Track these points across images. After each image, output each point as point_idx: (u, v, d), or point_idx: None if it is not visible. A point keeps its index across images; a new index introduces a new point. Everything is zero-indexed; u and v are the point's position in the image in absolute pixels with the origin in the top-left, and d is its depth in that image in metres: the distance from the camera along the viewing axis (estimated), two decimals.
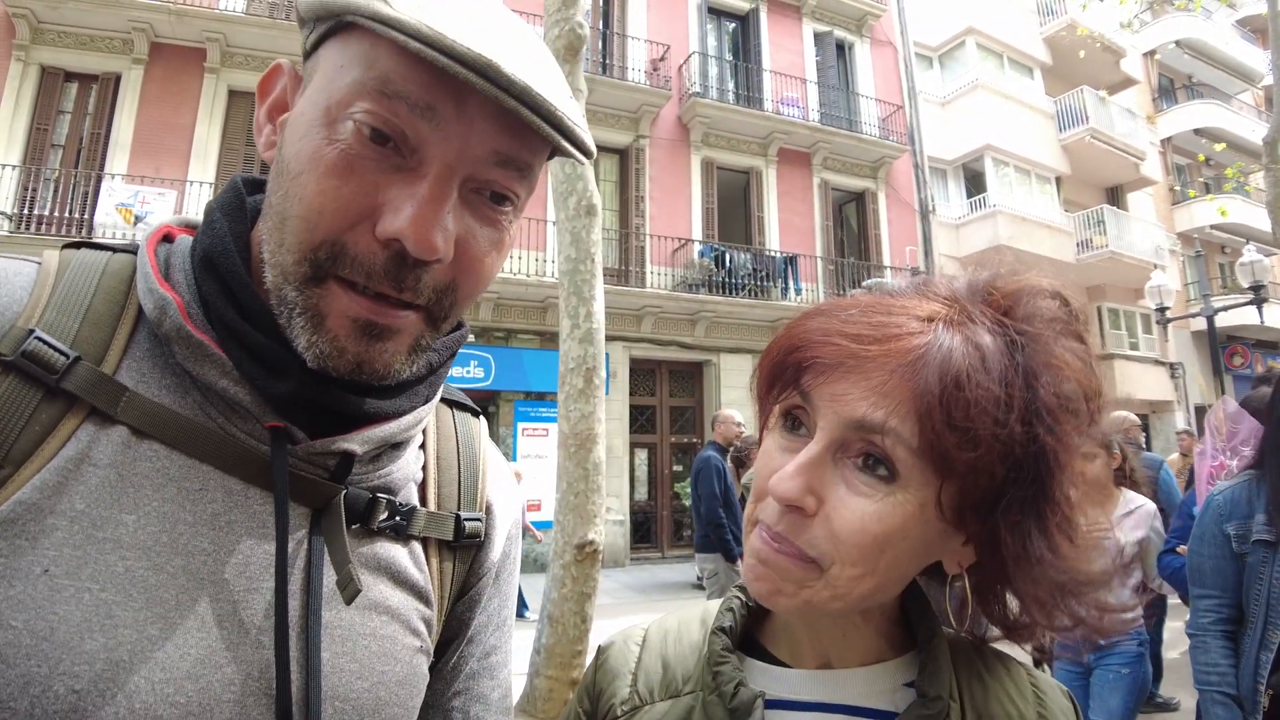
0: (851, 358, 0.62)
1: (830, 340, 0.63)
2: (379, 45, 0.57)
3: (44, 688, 0.49)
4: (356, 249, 0.58)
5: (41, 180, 11.54)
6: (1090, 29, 16.61)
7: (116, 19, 11.95)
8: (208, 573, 0.57)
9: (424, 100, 0.57)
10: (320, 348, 0.59)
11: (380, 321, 0.60)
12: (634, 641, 0.85)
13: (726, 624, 0.77)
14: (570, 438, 4.77)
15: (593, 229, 4.99)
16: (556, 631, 4.63)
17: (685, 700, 0.75)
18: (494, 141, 0.59)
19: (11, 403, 0.54)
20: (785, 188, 16.57)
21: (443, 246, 0.58)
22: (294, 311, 0.60)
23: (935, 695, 0.67)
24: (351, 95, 0.58)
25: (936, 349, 0.60)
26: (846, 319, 0.64)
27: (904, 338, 0.61)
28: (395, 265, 0.58)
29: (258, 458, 0.61)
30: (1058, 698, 0.72)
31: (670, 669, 0.79)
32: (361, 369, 0.61)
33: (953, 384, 0.58)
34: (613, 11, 15.68)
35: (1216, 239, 23.69)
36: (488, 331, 13.23)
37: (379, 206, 0.58)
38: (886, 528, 0.61)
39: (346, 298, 0.59)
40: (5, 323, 0.57)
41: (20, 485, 0.53)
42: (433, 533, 0.73)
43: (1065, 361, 0.63)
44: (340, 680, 0.62)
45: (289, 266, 0.59)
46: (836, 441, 0.63)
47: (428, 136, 0.58)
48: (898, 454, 0.60)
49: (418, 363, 0.65)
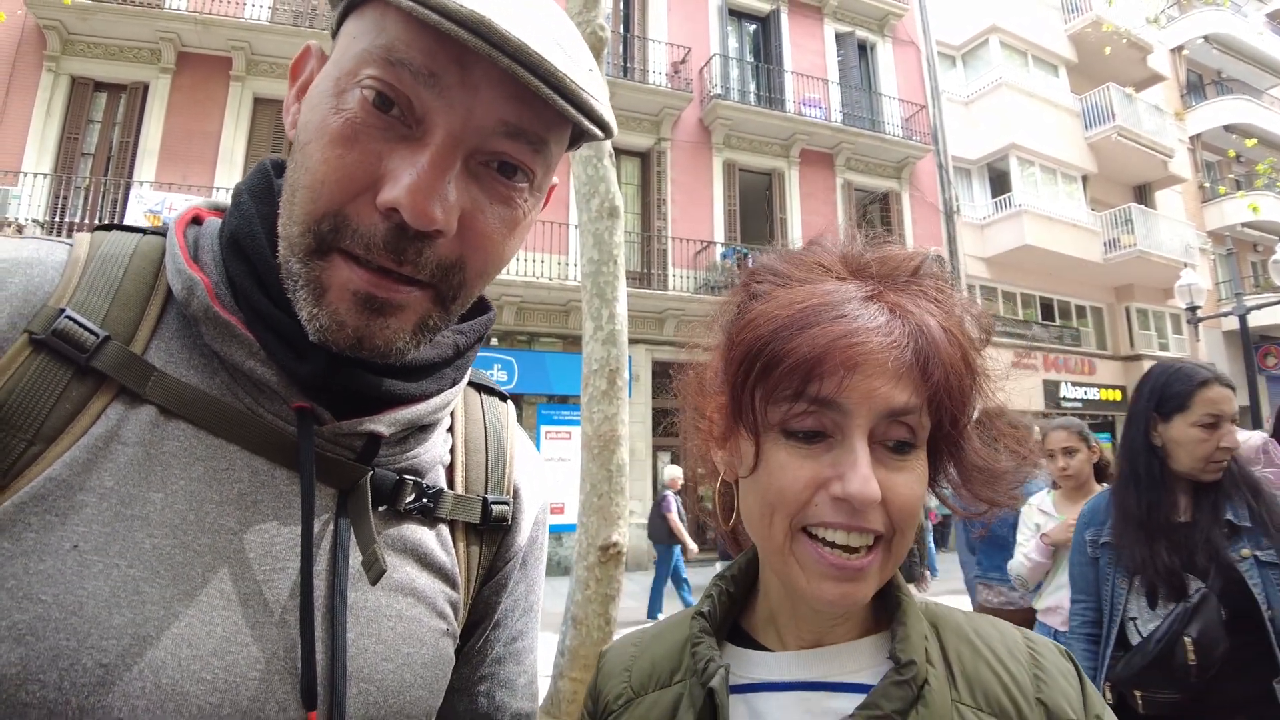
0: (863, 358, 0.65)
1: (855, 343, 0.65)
2: (387, 14, 0.57)
3: (72, 661, 0.49)
4: (358, 220, 0.58)
5: (72, 188, 11.76)
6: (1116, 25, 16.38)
7: (145, 29, 12.16)
8: (233, 551, 0.58)
9: (427, 67, 0.56)
10: (320, 320, 0.59)
11: (380, 295, 0.59)
12: (630, 643, 0.88)
13: (705, 609, 0.80)
14: (594, 439, 4.76)
15: (615, 231, 4.99)
16: (580, 633, 4.63)
17: (674, 689, 0.78)
18: (500, 110, 0.58)
19: (42, 381, 0.55)
20: (808, 189, 16.49)
21: (441, 217, 0.57)
22: (298, 284, 0.59)
23: (908, 660, 0.68)
24: (359, 64, 0.58)
25: (921, 337, 0.67)
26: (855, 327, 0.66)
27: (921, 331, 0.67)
28: (395, 237, 0.57)
29: (284, 438, 0.61)
30: (1055, 658, 0.73)
31: (659, 664, 0.82)
32: (362, 344, 0.60)
33: (943, 363, 0.67)
34: (633, 14, 15.71)
35: (1248, 237, 23.29)
36: (510, 335, 13.27)
37: (381, 177, 0.57)
38: (921, 489, 0.69)
39: (348, 270, 0.58)
40: (37, 302, 0.57)
41: (50, 462, 0.53)
42: (460, 515, 0.73)
43: (963, 306, 0.73)
44: (365, 661, 0.62)
45: (295, 239, 0.59)
46: (871, 433, 0.67)
47: (431, 104, 0.57)
48: (921, 426, 0.68)
49: (424, 343, 0.64)
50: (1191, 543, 2.10)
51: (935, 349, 0.67)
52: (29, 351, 0.55)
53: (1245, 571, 2.02)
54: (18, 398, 0.54)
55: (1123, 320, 20.17)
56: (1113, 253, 18.64)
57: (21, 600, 0.49)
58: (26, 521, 0.51)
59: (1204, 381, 2.15)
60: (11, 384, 0.54)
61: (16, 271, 0.58)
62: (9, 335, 0.55)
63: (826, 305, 0.68)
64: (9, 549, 0.50)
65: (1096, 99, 19.37)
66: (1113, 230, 18.85)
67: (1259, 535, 2.06)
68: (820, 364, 0.65)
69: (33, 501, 0.52)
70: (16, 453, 0.53)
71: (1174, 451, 2.16)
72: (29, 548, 0.51)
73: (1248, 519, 2.09)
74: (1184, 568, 2.08)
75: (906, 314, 0.68)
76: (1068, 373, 18.57)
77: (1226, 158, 22.85)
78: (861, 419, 0.65)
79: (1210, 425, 2.10)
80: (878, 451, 0.67)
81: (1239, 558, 2.04)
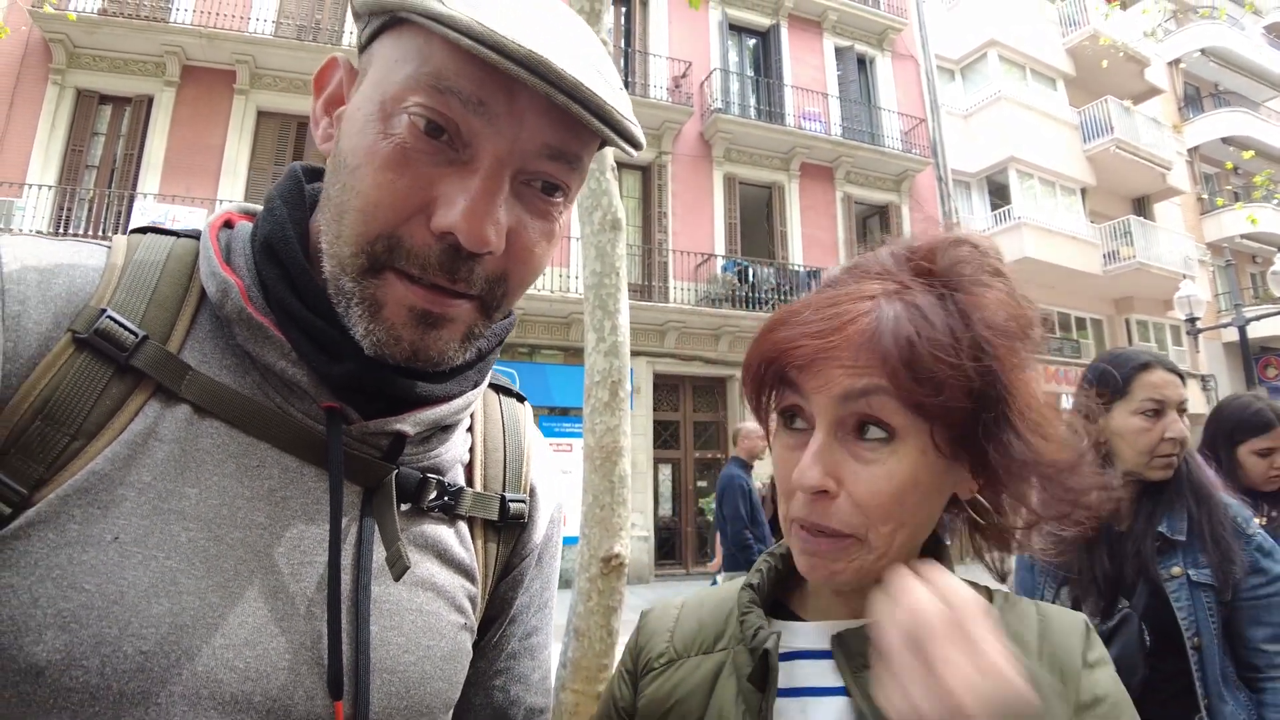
0: (820, 353, 0.69)
1: (797, 345, 0.70)
2: (432, 41, 0.59)
3: (114, 648, 0.51)
4: (412, 242, 0.60)
5: (76, 200, 11.80)
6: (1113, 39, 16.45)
7: (150, 43, 12.24)
8: (264, 546, 0.59)
9: (476, 96, 0.58)
10: (377, 335, 0.61)
11: (435, 311, 0.62)
12: (673, 606, 0.91)
13: (755, 581, 0.83)
14: (596, 451, 4.77)
15: (618, 243, 5.01)
16: (583, 645, 4.61)
17: (718, 656, 0.81)
18: (544, 135, 0.61)
19: (85, 378, 0.57)
20: (808, 202, 16.54)
21: (494, 240, 0.60)
22: (351, 301, 0.62)
23: None
24: (406, 90, 0.59)
25: (885, 320, 0.68)
26: (805, 322, 0.71)
27: (856, 319, 0.68)
28: (449, 258, 0.60)
29: (314, 437, 0.63)
30: (1062, 618, 0.75)
31: (705, 627, 0.85)
32: (417, 356, 0.63)
33: (906, 344, 0.66)
34: (634, 29, 15.80)
35: (1247, 248, 23.32)
36: (511, 347, 13.27)
37: (433, 200, 0.59)
38: (899, 482, 0.68)
39: (403, 287, 0.61)
40: (79, 302, 0.59)
41: (93, 457, 0.55)
42: (479, 512, 0.75)
43: (990, 296, 0.71)
44: (388, 653, 0.64)
45: (346, 258, 0.61)
46: (835, 421, 0.70)
47: (480, 130, 0.59)
48: (887, 411, 0.67)
49: (470, 350, 0.67)
50: (1123, 555, 1.89)
51: (898, 329, 0.67)
52: (72, 350, 0.57)
53: (1173, 592, 1.81)
54: (62, 394, 0.56)
55: (1123, 332, 20.17)
56: (1112, 265, 18.66)
57: (66, 589, 0.51)
58: (70, 514, 0.53)
59: (1144, 364, 1.91)
60: (56, 381, 0.56)
61: (60, 273, 0.60)
62: (54, 334, 0.57)
63: (805, 306, 0.73)
64: (54, 539, 0.52)
65: (1095, 112, 19.45)
66: (1112, 242, 18.88)
67: (1196, 551, 1.82)
68: (774, 362, 0.72)
69: (76, 494, 0.54)
70: (60, 447, 0.55)
71: (1116, 445, 1.92)
72: (73, 538, 0.53)
73: (1183, 532, 1.84)
74: (1115, 583, 1.88)
75: (892, 302, 0.69)
76: (1069, 385, 18.52)
77: (1224, 170, 22.88)
78: (819, 407, 0.70)
79: (1153, 413, 1.87)
80: (850, 442, 0.70)
81: (1168, 576, 1.82)
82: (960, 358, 0.67)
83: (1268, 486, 2.48)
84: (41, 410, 0.55)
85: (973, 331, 0.68)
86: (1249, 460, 2.49)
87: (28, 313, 0.57)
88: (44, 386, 0.55)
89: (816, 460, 0.69)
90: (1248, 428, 2.50)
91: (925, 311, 0.68)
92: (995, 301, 0.71)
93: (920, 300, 0.69)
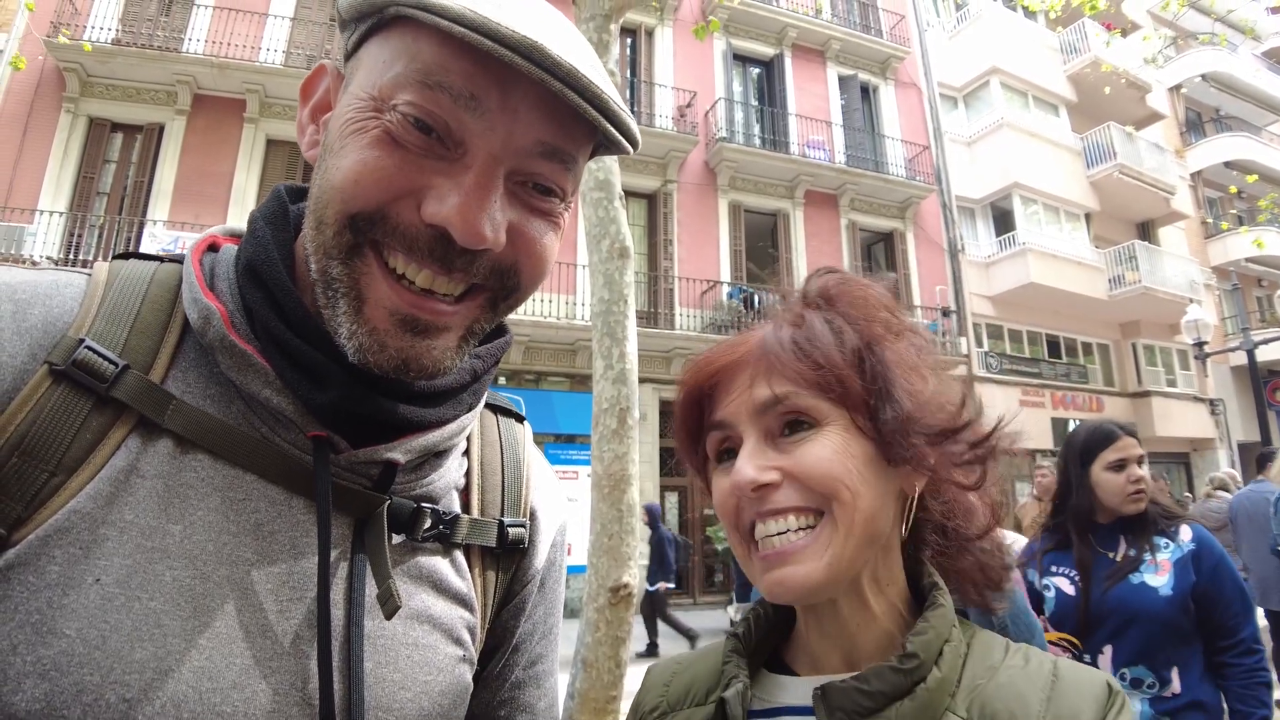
0: (725, 373, 0.77)
1: (711, 367, 0.78)
2: (421, 38, 0.57)
3: (96, 696, 0.49)
4: (399, 219, 0.58)
5: (87, 227, 11.92)
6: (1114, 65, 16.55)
7: (162, 72, 12.43)
8: (251, 583, 0.57)
9: (467, 89, 0.57)
10: (360, 339, 0.59)
11: (424, 317, 0.59)
12: (675, 661, 0.92)
13: (740, 630, 0.83)
14: (604, 479, 4.74)
15: (626, 271, 5.02)
16: (590, 676, 4.56)
17: (706, 709, 0.80)
18: (538, 131, 0.59)
19: (64, 411, 0.55)
20: (813, 229, 16.61)
21: (491, 235, 0.58)
22: (338, 293, 0.59)
23: (911, 653, 0.67)
24: (394, 88, 0.57)
25: (781, 333, 0.76)
26: (713, 354, 0.79)
27: (756, 337, 0.77)
28: (441, 245, 0.58)
29: (301, 467, 0.61)
30: (1078, 676, 0.69)
31: (698, 680, 0.85)
32: (408, 366, 0.60)
33: (794, 346, 0.73)
34: (640, 60, 15.99)
35: (1253, 272, 23.31)
36: (518, 374, 13.29)
37: (423, 189, 0.57)
38: (833, 449, 0.71)
39: (386, 286, 0.59)
40: (56, 333, 0.57)
41: (73, 494, 0.53)
42: (476, 540, 0.73)
43: (867, 301, 0.79)
44: (384, 690, 0.62)
45: (329, 240, 0.59)
46: (763, 432, 0.74)
47: (471, 127, 0.57)
48: (805, 405, 0.72)
49: (468, 352, 0.65)
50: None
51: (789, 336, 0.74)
52: (49, 382, 0.55)
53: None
54: (40, 429, 0.54)
55: (1130, 357, 20.11)
56: (1118, 289, 18.66)
57: (46, 635, 0.49)
58: (50, 555, 0.51)
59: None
60: (33, 415, 0.54)
61: (36, 303, 0.58)
62: (30, 367, 0.55)
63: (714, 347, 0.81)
64: (34, 582, 0.50)
65: (1097, 138, 19.55)
66: (1117, 267, 18.88)
67: None
68: (698, 402, 0.79)
69: (57, 535, 0.52)
70: (39, 483, 0.53)
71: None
72: (53, 581, 0.51)
73: None
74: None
75: (781, 325, 0.77)
76: (1076, 410, 18.47)
77: (1228, 194, 22.93)
78: (743, 421, 0.74)
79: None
80: (780, 442, 0.73)
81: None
82: (845, 348, 0.74)
83: (1129, 507, 2.41)
84: (19, 446, 0.53)
85: (857, 328, 0.76)
86: (1104, 479, 2.44)
87: (1, 346, 0.55)
88: (20, 421, 0.53)
89: (749, 459, 0.72)
90: (1095, 442, 2.50)
91: (809, 320, 0.76)
92: (855, 295, 0.79)
93: (809, 317, 0.77)
